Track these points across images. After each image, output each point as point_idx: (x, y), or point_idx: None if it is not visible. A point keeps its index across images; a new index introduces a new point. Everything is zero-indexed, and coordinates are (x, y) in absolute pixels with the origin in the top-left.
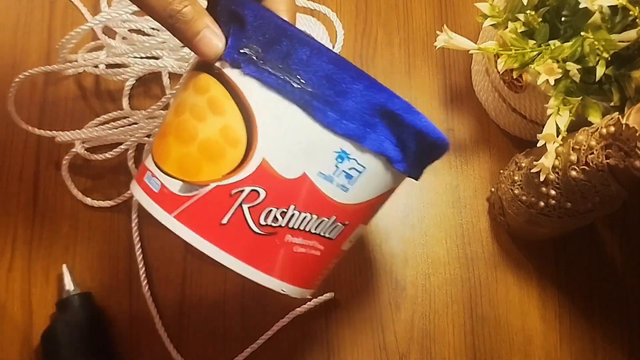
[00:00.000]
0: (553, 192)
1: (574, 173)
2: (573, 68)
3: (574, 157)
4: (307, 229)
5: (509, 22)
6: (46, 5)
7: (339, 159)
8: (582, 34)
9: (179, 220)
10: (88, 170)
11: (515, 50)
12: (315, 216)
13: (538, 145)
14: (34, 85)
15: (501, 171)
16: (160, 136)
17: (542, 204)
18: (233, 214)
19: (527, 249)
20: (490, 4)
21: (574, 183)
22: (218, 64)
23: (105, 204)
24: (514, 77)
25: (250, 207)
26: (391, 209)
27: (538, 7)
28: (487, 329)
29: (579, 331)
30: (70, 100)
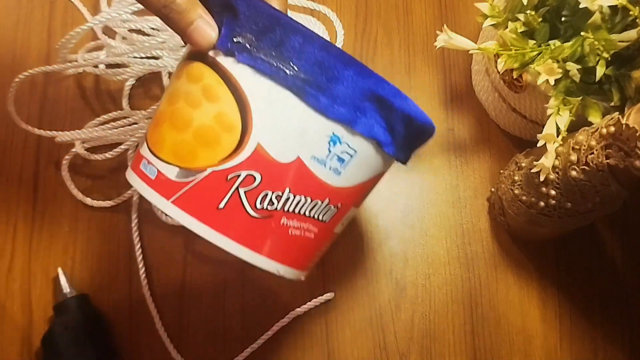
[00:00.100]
0: (553, 192)
1: (574, 173)
2: (573, 68)
3: (574, 157)
4: (302, 211)
5: (509, 22)
6: (46, 5)
7: (332, 143)
8: (582, 34)
9: (176, 205)
10: (88, 170)
11: (515, 50)
12: (309, 199)
13: (538, 145)
14: (33, 85)
15: (501, 171)
16: (154, 125)
17: (542, 204)
18: (230, 198)
19: (527, 249)
20: (490, 4)
21: (574, 183)
22: (212, 52)
23: (105, 204)
24: (514, 77)
25: (246, 191)
26: (391, 209)
27: (538, 7)
28: (487, 329)
29: (579, 331)
30: (70, 100)
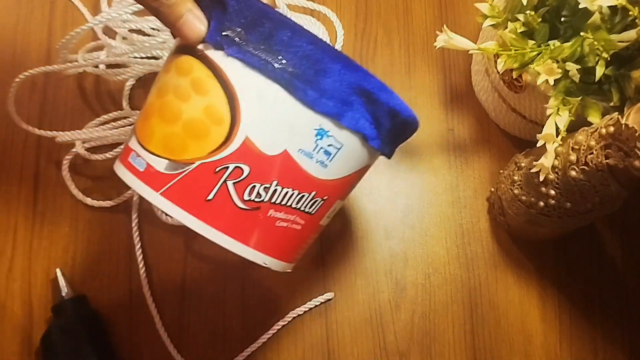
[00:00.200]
0: (553, 192)
1: (573, 173)
2: (573, 68)
3: (573, 157)
4: (289, 204)
5: (509, 23)
6: (46, 5)
7: (318, 136)
8: (582, 34)
9: (165, 197)
10: (88, 170)
11: (515, 50)
12: (296, 191)
13: (538, 145)
14: (34, 85)
15: (501, 171)
16: (143, 118)
17: (542, 204)
18: (218, 190)
19: (527, 249)
20: (490, 5)
21: (573, 183)
22: (201, 46)
23: (106, 204)
24: (514, 77)
25: (234, 183)
26: (391, 209)
27: (538, 8)
28: (487, 329)
29: (579, 331)
30: (70, 100)
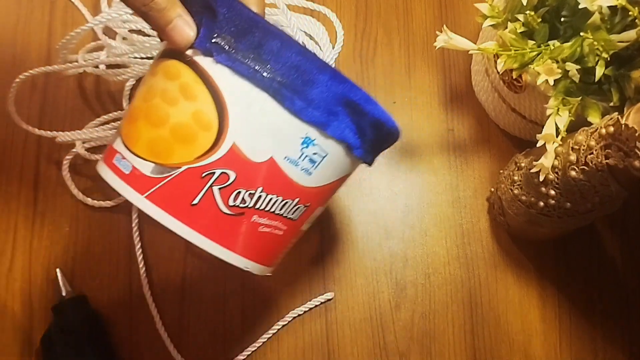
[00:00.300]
0: (552, 192)
1: (573, 173)
2: (572, 68)
3: (573, 157)
4: (273, 210)
5: (509, 23)
6: (46, 5)
7: (304, 145)
8: (582, 34)
9: (150, 200)
10: (88, 170)
11: (514, 50)
12: (280, 198)
13: (538, 145)
14: (34, 85)
15: (501, 171)
16: (129, 120)
17: (542, 204)
18: (204, 195)
19: (527, 249)
20: (490, 5)
21: (573, 183)
22: (190, 52)
23: (106, 204)
24: (514, 78)
25: (220, 189)
26: (391, 209)
27: (538, 8)
28: (487, 329)
29: (579, 331)
30: (70, 101)
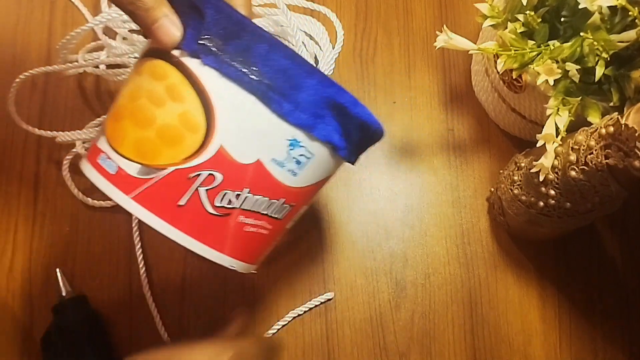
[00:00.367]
0: (552, 192)
1: (573, 173)
2: (572, 68)
3: (573, 157)
4: (259, 210)
5: (509, 23)
6: (46, 5)
7: (291, 147)
8: (582, 34)
9: (136, 201)
10: None
11: (514, 50)
12: (266, 198)
13: (537, 145)
14: (34, 85)
15: (501, 171)
16: (114, 119)
17: (542, 204)
18: (190, 196)
19: (527, 249)
20: (490, 5)
21: (573, 183)
22: (177, 52)
23: (106, 204)
24: (514, 78)
25: (207, 190)
26: (391, 209)
27: (537, 8)
28: (487, 329)
29: (579, 331)
30: (70, 101)
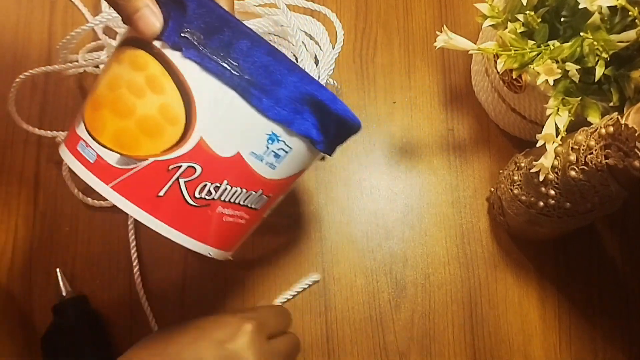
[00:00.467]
0: (552, 192)
1: (573, 173)
2: (572, 68)
3: (573, 157)
4: (237, 201)
5: (509, 23)
6: (46, 5)
7: (270, 141)
8: (582, 34)
9: (115, 190)
10: None
11: (514, 50)
12: (244, 190)
13: (537, 145)
14: (34, 85)
15: (501, 171)
16: (92, 107)
17: (542, 204)
18: (170, 187)
19: (527, 249)
20: (490, 5)
21: (573, 183)
22: (158, 44)
23: (106, 204)
24: (514, 78)
25: (186, 182)
26: (391, 209)
27: (537, 8)
28: (487, 329)
29: (579, 331)
30: (70, 101)
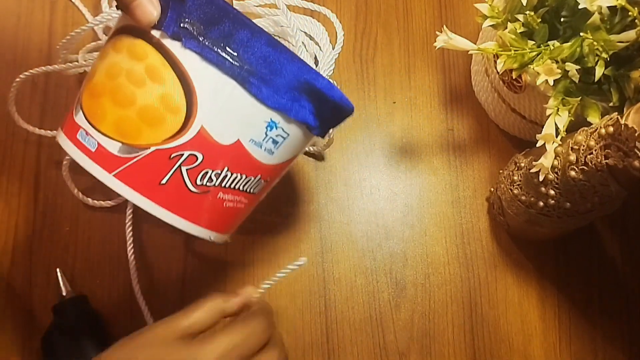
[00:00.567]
0: (552, 192)
1: (573, 173)
2: (572, 68)
3: (573, 157)
4: (237, 187)
5: (509, 23)
6: (47, 5)
7: (269, 128)
8: (582, 34)
9: (118, 179)
10: None
11: (514, 50)
12: (244, 176)
13: (537, 145)
14: (34, 85)
15: (500, 171)
16: (91, 95)
17: (542, 203)
18: (172, 175)
19: (527, 249)
20: (490, 5)
21: (573, 183)
22: (157, 34)
23: (106, 204)
24: (514, 78)
25: (188, 169)
26: (391, 209)
27: (537, 8)
28: (487, 329)
29: (579, 331)
30: (71, 100)
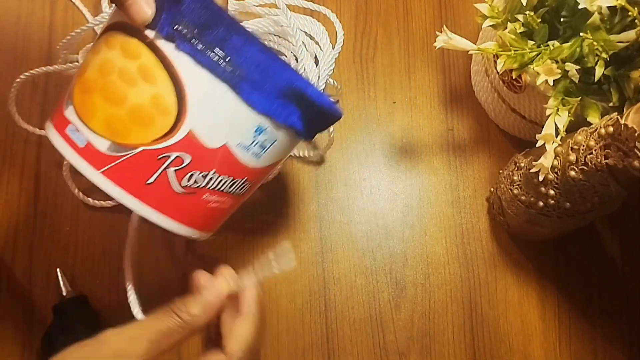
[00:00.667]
0: (552, 192)
1: (572, 173)
2: (572, 68)
3: (572, 157)
4: (222, 189)
5: (509, 23)
6: (47, 5)
7: (257, 132)
8: (581, 34)
9: (105, 176)
10: None
11: (514, 50)
12: (230, 178)
13: (537, 145)
14: (35, 85)
15: (500, 171)
16: (82, 90)
17: (541, 203)
18: (159, 175)
19: (527, 249)
20: (490, 5)
21: (572, 183)
22: (151, 34)
23: (106, 204)
24: (513, 78)
25: (175, 170)
26: (391, 209)
27: (537, 8)
28: (487, 329)
29: (579, 331)
30: None
